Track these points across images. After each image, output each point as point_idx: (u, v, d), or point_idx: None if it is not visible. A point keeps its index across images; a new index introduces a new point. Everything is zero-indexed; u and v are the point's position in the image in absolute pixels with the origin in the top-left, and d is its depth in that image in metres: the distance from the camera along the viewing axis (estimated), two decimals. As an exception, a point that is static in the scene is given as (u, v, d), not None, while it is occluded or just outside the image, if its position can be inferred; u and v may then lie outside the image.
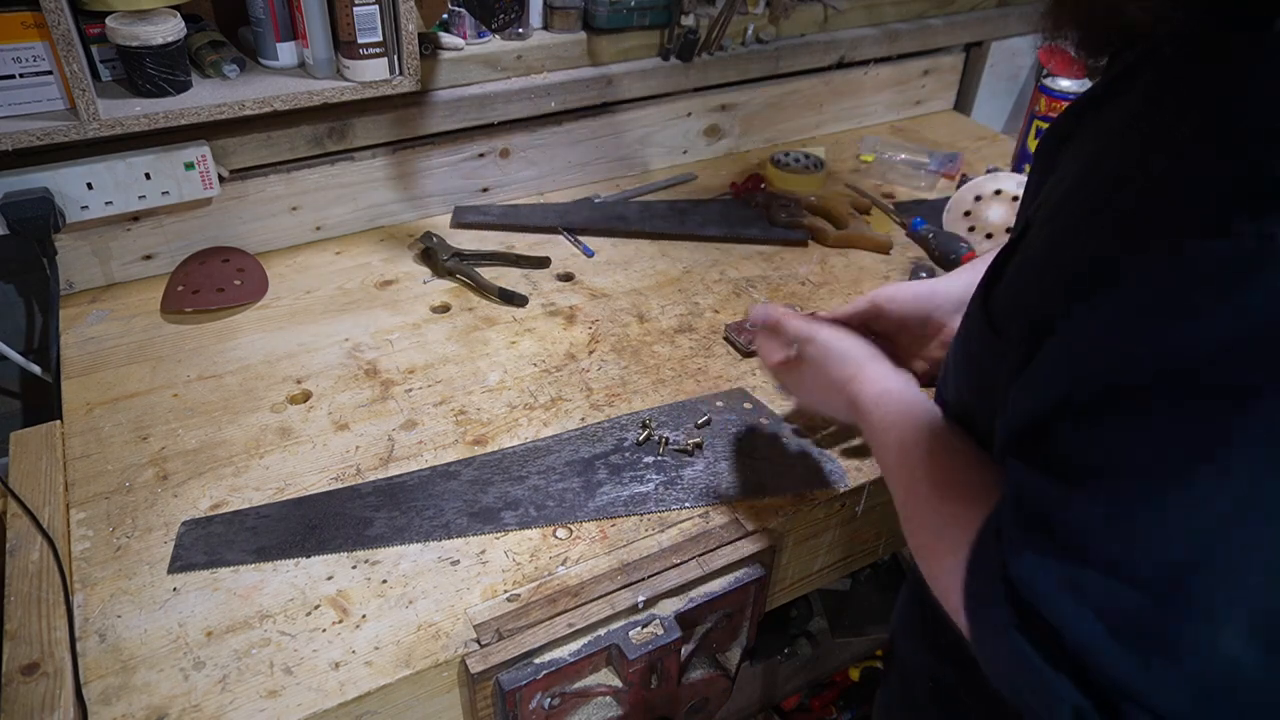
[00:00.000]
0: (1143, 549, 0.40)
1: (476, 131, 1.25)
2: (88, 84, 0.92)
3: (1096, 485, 0.43)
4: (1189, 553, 0.39)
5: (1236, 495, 0.38)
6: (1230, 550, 0.39)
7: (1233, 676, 0.39)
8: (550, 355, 1.03)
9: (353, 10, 1.02)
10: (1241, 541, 0.38)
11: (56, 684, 0.66)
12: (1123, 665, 0.41)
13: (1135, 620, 0.41)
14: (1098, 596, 0.42)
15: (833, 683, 1.45)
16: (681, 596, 0.78)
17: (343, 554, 0.78)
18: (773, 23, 1.43)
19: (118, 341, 1.03)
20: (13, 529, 0.79)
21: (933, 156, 1.47)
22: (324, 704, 0.67)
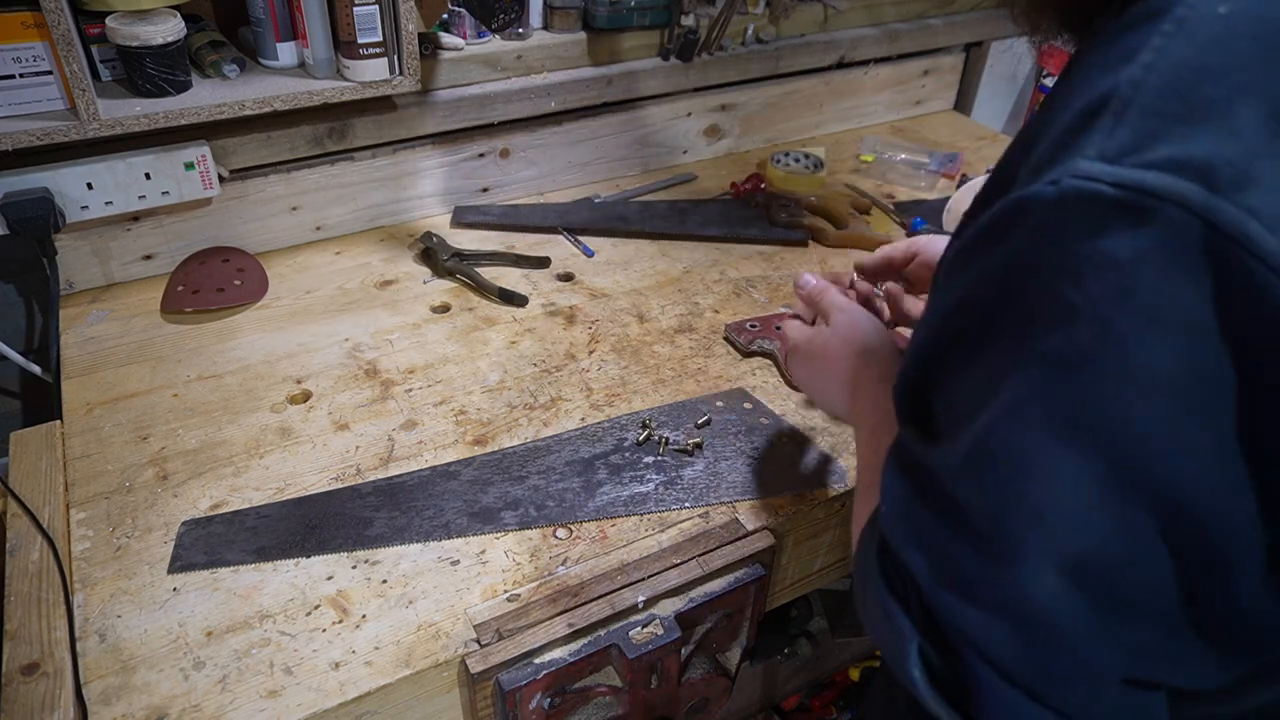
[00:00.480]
0: (965, 495, 0.43)
1: (476, 131, 1.25)
2: (88, 84, 0.92)
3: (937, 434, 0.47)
4: (1001, 496, 0.42)
5: (1029, 435, 0.40)
6: (1035, 490, 0.41)
7: (1051, 613, 0.41)
8: (550, 355, 1.03)
9: (353, 10, 1.02)
10: (1043, 481, 0.40)
11: (56, 684, 0.66)
12: (952, 608, 0.44)
13: (959, 565, 0.44)
14: (932, 542, 0.45)
15: (833, 683, 1.45)
16: (681, 596, 0.78)
17: (343, 554, 0.78)
18: (773, 23, 1.43)
19: (118, 341, 1.03)
20: (13, 529, 0.79)
21: (933, 156, 1.47)
22: (324, 704, 0.67)
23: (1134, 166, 0.37)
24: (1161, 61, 0.39)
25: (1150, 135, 0.38)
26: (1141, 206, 0.36)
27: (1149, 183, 0.36)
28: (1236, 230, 0.35)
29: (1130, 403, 0.38)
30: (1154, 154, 0.37)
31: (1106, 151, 0.38)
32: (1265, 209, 0.35)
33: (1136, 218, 0.37)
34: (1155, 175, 0.37)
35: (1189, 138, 0.37)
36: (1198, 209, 0.36)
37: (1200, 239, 0.36)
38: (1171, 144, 0.37)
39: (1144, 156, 0.37)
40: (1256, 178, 0.36)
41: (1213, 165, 0.36)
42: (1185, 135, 0.37)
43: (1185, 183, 0.36)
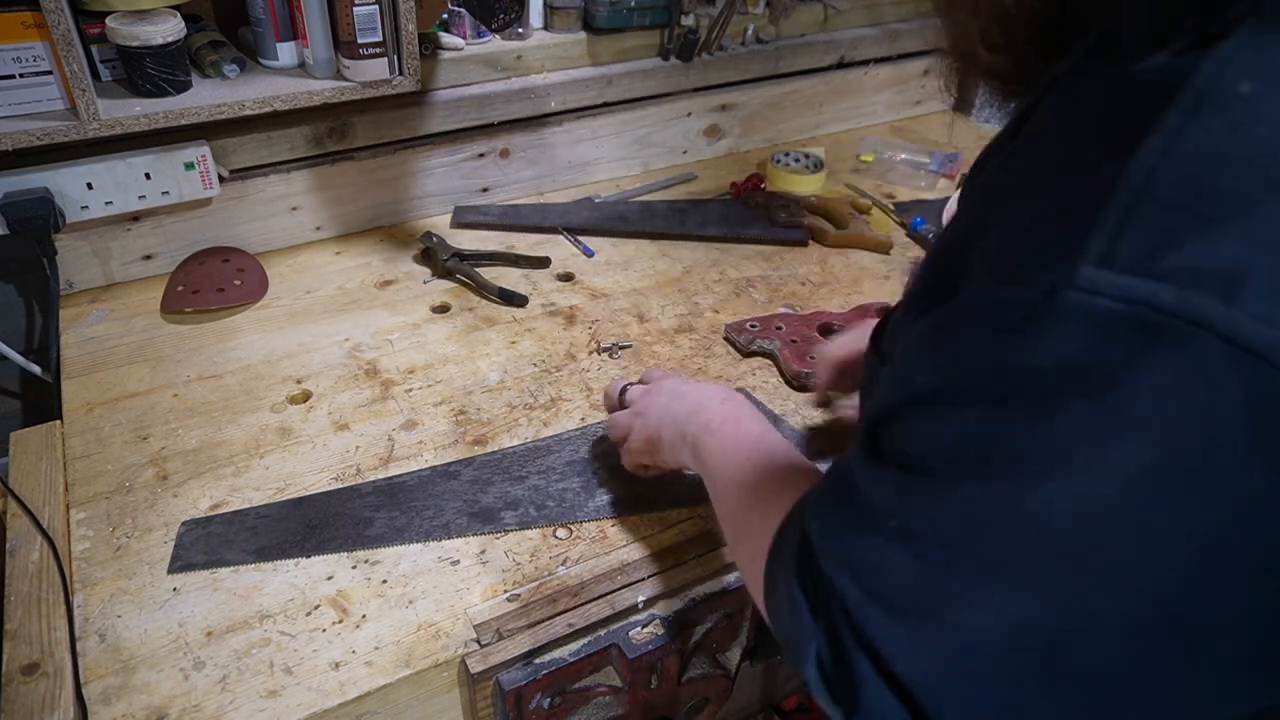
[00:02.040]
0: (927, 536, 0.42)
1: (476, 131, 1.25)
2: (88, 84, 0.92)
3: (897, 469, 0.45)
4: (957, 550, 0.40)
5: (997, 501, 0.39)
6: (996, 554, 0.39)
7: (973, 648, 0.40)
8: (550, 355, 1.03)
9: (353, 10, 1.02)
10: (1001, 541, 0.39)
11: (56, 684, 0.66)
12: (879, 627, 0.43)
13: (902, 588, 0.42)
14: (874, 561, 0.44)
15: (833, 683, 1.44)
16: (681, 596, 0.78)
17: (343, 554, 0.78)
18: (773, 23, 1.43)
19: (118, 341, 1.03)
20: (13, 529, 0.79)
21: (933, 156, 1.47)
22: (324, 704, 0.67)
23: (1147, 278, 0.33)
24: (1179, 147, 0.34)
25: (1165, 240, 0.34)
26: (1156, 326, 0.33)
27: (1164, 301, 0.33)
28: (1262, 344, 0.32)
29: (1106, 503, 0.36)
30: (1169, 263, 0.33)
31: (1114, 259, 0.34)
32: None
33: (1150, 339, 0.33)
34: (1172, 290, 0.33)
35: (1213, 242, 0.33)
36: (1220, 329, 0.32)
37: (1221, 358, 0.33)
38: (1192, 250, 0.33)
39: (1158, 267, 0.33)
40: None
41: (1236, 274, 0.32)
42: (1206, 240, 0.33)
43: (1206, 298, 0.32)
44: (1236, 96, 0.34)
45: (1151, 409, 0.34)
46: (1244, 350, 0.32)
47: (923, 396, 0.43)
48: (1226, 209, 0.33)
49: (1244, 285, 0.32)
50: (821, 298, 1.15)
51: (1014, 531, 0.38)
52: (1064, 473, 0.36)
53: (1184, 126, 0.34)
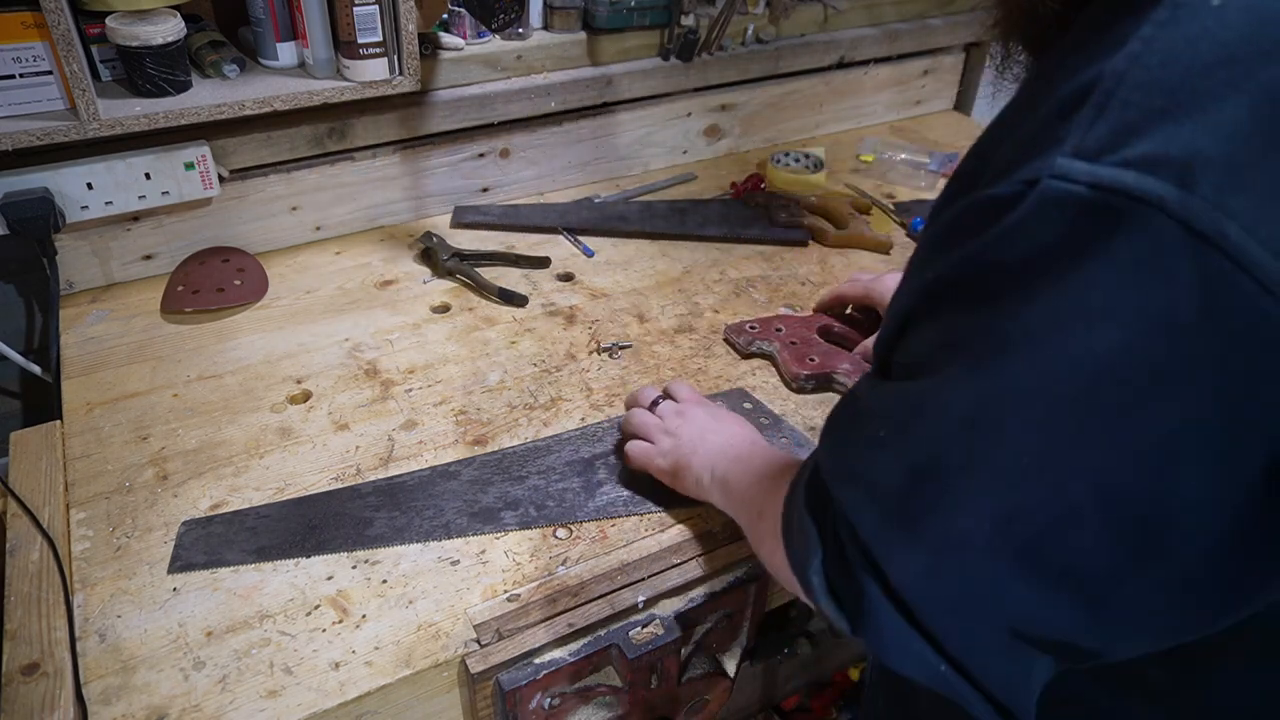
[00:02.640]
0: (914, 435, 0.45)
1: (476, 131, 1.25)
2: (88, 84, 0.92)
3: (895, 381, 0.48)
4: (945, 443, 0.43)
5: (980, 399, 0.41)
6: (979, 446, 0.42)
7: (968, 553, 0.43)
8: (550, 355, 1.03)
9: (353, 10, 1.02)
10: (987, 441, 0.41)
11: (56, 684, 0.66)
12: (873, 533, 0.46)
13: (893, 495, 0.45)
14: (868, 469, 0.47)
15: (833, 683, 1.44)
16: (681, 596, 0.78)
17: (343, 554, 0.78)
18: (773, 23, 1.42)
19: (118, 341, 1.03)
20: (13, 529, 0.79)
21: (933, 156, 1.47)
22: (324, 704, 0.67)
23: (1112, 165, 0.36)
24: (1148, 52, 0.37)
25: (1129, 131, 0.36)
26: (1117, 208, 0.36)
27: (1126, 183, 0.35)
28: (1212, 232, 0.34)
29: (1077, 390, 0.38)
30: (1132, 151, 0.36)
31: (1084, 148, 0.37)
32: (1246, 211, 0.34)
33: (1111, 220, 0.36)
34: (1133, 175, 0.35)
35: (1171, 134, 0.36)
36: (1173, 211, 0.35)
37: (1175, 241, 0.35)
38: (1151, 140, 0.36)
39: (1122, 154, 0.36)
40: (1241, 179, 0.35)
41: (1192, 163, 0.35)
42: (1167, 131, 0.36)
43: (1161, 183, 0.35)
44: (1207, 8, 0.37)
45: (1115, 293, 0.36)
46: (1196, 236, 0.34)
47: (917, 302, 0.46)
48: (1187, 104, 0.36)
49: (1198, 173, 0.35)
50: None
51: (994, 425, 0.41)
52: (1037, 359, 0.39)
53: (1156, 34, 0.37)
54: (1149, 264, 0.35)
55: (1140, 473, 0.38)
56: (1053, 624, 0.42)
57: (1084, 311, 0.37)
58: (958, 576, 0.43)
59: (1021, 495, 0.40)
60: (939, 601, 0.44)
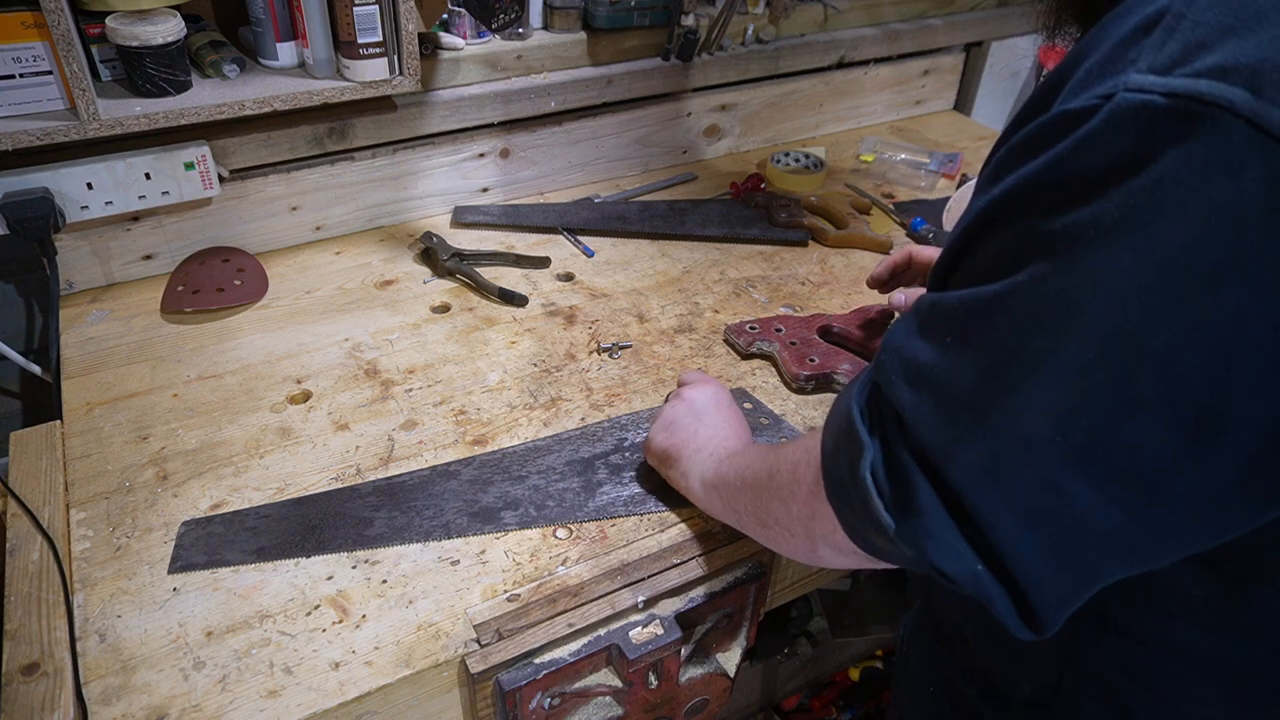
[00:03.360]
0: (982, 336, 0.45)
1: (476, 131, 1.25)
2: (88, 84, 0.92)
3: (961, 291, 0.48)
4: (1011, 341, 0.44)
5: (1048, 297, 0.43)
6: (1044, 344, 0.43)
7: (1027, 450, 0.44)
8: (550, 355, 1.03)
9: (353, 10, 1.02)
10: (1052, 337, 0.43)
11: (56, 684, 0.66)
12: (934, 434, 0.46)
13: (958, 395, 0.46)
14: (932, 372, 0.47)
15: (833, 683, 1.45)
16: (681, 596, 0.78)
17: (343, 554, 0.78)
18: (773, 23, 1.43)
19: (118, 341, 1.03)
20: (13, 529, 0.79)
21: (933, 156, 1.47)
22: (324, 704, 0.67)
23: (1185, 76, 0.38)
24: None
25: (1199, 46, 0.39)
26: (1190, 113, 0.38)
27: (1199, 90, 0.38)
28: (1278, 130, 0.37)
29: (1149, 281, 0.39)
30: (1202, 63, 0.38)
31: (1157, 64, 0.39)
32: None
33: (1186, 124, 0.38)
34: (1205, 83, 0.38)
35: (1238, 46, 0.38)
36: (1244, 112, 0.37)
37: (1245, 140, 0.37)
38: (1220, 52, 0.38)
39: (1193, 66, 0.38)
40: None
41: (1260, 70, 0.37)
42: (1234, 44, 0.38)
43: (1231, 88, 0.37)
44: None
45: (1188, 190, 0.38)
46: (1266, 134, 0.37)
47: (988, 214, 0.47)
48: (1251, 21, 0.39)
49: (1266, 78, 0.37)
50: (821, 298, 1.15)
51: (1065, 320, 0.42)
52: (1110, 254, 0.40)
53: None
54: (1220, 162, 0.38)
55: (1205, 361, 0.40)
56: (1106, 523, 0.44)
57: (1157, 207, 0.39)
58: (1019, 475, 0.44)
59: (1087, 389, 0.42)
60: (997, 501, 0.45)
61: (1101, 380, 0.41)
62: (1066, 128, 0.42)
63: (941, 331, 0.48)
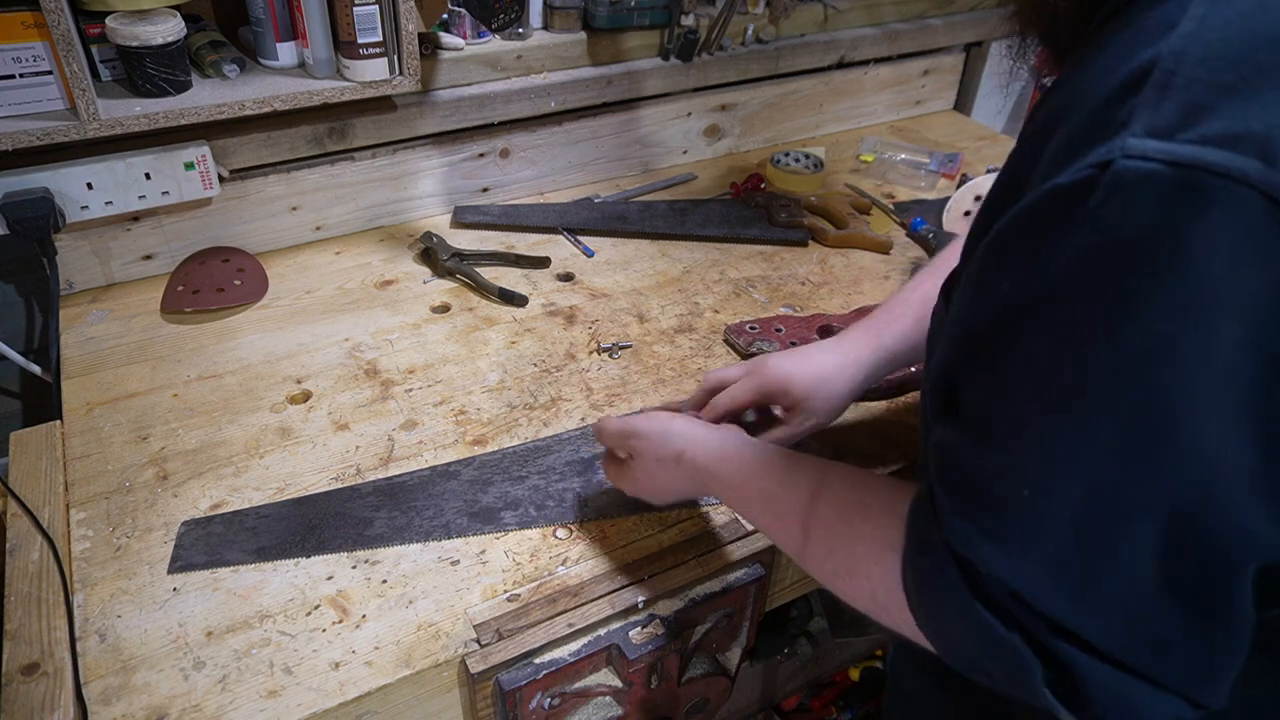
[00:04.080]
0: (1047, 488, 0.41)
1: (476, 131, 1.25)
2: (88, 84, 0.92)
3: (995, 430, 0.44)
4: (1081, 483, 0.40)
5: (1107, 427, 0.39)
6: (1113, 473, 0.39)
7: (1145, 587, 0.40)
8: (550, 355, 1.03)
9: (353, 10, 1.02)
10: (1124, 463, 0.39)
11: (56, 684, 0.66)
12: (1058, 604, 0.42)
13: (1059, 558, 0.41)
14: (1022, 541, 0.42)
15: (833, 683, 1.44)
16: (681, 596, 0.78)
17: (343, 554, 0.78)
18: (773, 23, 1.43)
19: (118, 341, 1.03)
20: (13, 529, 0.79)
21: (933, 156, 1.47)
22: (324, 704, 0.67)
23: (1189, 143, 0.35)
24: (1205, 29, 0.37)
25: (1202, 108, 0.36)
26: (1203, 186, 0.35)
27: (1209, 160, 0.35)
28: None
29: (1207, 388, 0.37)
30: (1208, 128, 0.35)
31: (1156, 127, 0.36)
32: None
33: (1200, 198, 0.35)
34: (1214, 152, 0.35)
35: (1243, 110, 0.36)
36: (1262, 186, 0.34)
37: (1267, 217, 0.34)
38: (1226, 117, 0.36)
39: (1198, 131, 0.36)
40: None
41: (1271, 139, 0.35)
42: (1239, 107, 0.36)
43: (1245, 159, 0.35)
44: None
45: (1227, 282, 0.35)
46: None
47: (996, 321, 0.43)
48: (1257, 80, 0.36)
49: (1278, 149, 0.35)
50: (821, 298, 1.15)
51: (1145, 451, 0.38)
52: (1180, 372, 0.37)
53: (1207, 14, 0.37)
54: (1250, 245, 0.35)
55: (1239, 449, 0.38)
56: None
57: (1205, 308, 0.36)
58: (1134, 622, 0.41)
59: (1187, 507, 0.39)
60: (1137, 655, 0.42)
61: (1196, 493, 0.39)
62: (1064, 206, 0.38)
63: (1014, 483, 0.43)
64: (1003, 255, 0.43)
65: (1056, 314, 0.40)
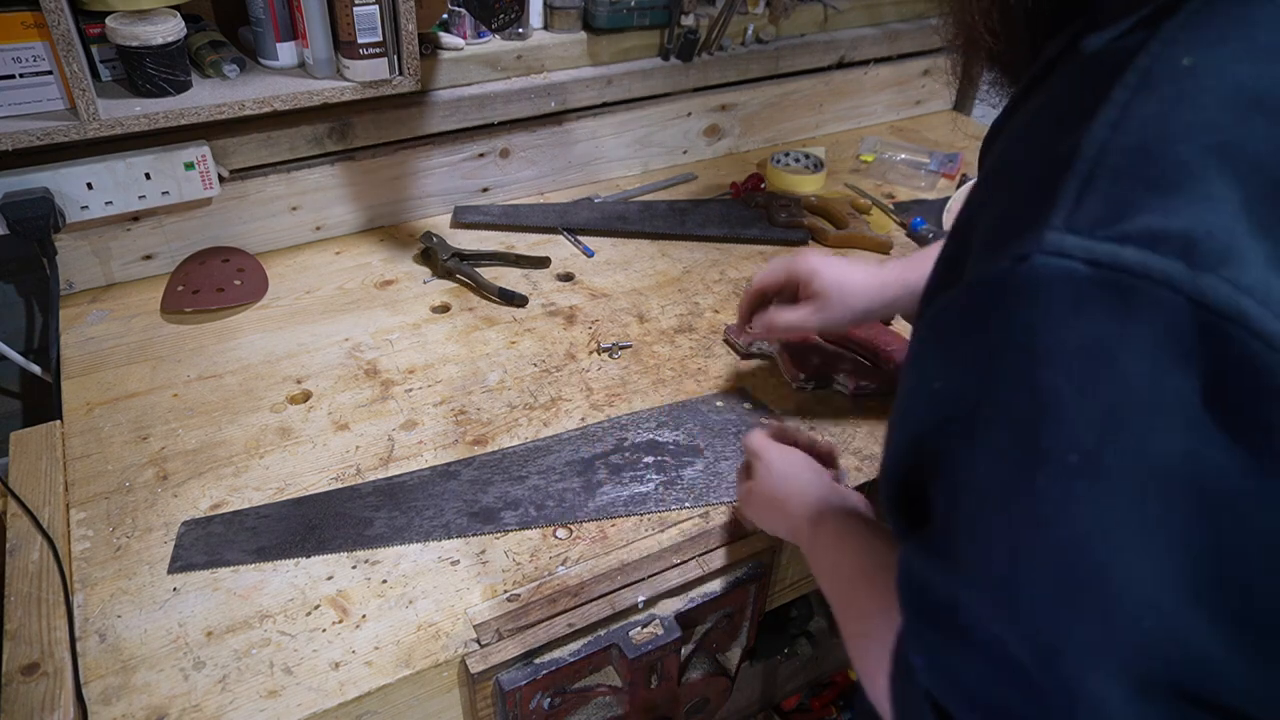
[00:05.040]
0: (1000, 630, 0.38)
1: (476, 131, 1.25)
2: (88, 84, 0.92)
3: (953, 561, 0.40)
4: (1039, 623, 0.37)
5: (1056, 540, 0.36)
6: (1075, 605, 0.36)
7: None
8: (550, 355, 1.03)
9: (353, 10, 1.02)
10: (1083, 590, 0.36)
11: (56, 684, 0.66)
12: None
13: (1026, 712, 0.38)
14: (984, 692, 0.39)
15: (833, 683, 1.44)
16: (681, 596, 0.78)
17: (343, 554, 0.78)
18: (773, 23, 1.43)
19: (118, 341, 1.03)
20: (13, 529, 0.79)
21: (933, 156, 1.47)
22: (324, 704, 0.67)
23: (1108, 240, 0.34)
24: (1127, 120, 0.36)
25: (1122, 204, 0.34)
26: (1122, 286, 0.33)
27: (1127, 260, 0.33)
28: (1231, 309, 0.32)
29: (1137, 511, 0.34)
30: (1129, 226, 0.34)
31: (1076, 223, 0.35)
32: (1254, 285, 0.33)
33: (1119, 299, 0.33)
34: (1134, 251, 0.33)
35: (1165, 208, 0.34)
36: (1185, 289, 0.33)
37: (1191, 321, 0.33)
38: (1147, 214, 0.34)
39: (1118, 229, 0.34)
40: (1238, 250, 0.33)
41: (1193, 239, 0.33)
42: (1160, 204, 0.34)
43: (1167, 260, 0.33)
44: (1179, 70, 0.36)
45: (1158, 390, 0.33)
46: (1213, 313, 0.32)
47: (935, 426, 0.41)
48: (1176, 175, 0.34)
49: (1201, 249, 0.33)
50: (821, 298, 1.15)
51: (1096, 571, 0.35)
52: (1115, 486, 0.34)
53: (1130, 101, 0.36)
54: (1175, 350, 0.33)
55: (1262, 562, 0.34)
56: None
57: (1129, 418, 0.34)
58: None
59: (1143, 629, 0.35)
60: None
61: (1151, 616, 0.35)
62: (984, 305, 0.37)
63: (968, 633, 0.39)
64: (932, 346, 0.42)
65: (986, 430, 0.38)
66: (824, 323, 0.87)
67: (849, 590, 0.59)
